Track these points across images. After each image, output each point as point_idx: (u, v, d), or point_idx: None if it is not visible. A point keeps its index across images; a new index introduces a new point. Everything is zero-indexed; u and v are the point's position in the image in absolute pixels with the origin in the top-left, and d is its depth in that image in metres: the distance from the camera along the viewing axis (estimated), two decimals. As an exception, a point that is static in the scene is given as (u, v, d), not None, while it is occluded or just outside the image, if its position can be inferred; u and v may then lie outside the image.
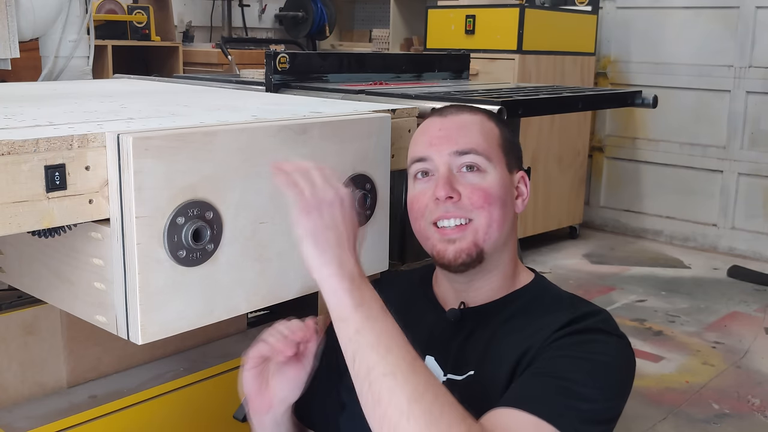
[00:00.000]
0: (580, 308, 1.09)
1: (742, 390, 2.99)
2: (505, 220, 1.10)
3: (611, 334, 1.05)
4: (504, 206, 1.09)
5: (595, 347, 1.02)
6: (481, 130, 1.11)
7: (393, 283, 1.26)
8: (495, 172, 1.09)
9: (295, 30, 6.46)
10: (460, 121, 1.12)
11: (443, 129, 1.11)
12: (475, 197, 1.07)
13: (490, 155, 1.09)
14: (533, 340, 1.03)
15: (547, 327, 1.04)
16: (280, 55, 1.69)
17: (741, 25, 4.78)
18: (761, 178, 4.79)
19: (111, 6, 4.83)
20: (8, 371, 1.27)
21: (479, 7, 4.61)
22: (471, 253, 1.07)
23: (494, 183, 1.08)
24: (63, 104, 1.27)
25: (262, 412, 1.06)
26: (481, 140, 1.09)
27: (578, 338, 1.02)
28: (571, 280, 4.29)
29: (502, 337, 1.08)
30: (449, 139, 1.09)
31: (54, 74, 2.23)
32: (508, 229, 1.11)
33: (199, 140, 0.95)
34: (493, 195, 1.08)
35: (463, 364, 1.09)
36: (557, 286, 1.19)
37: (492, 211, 1.07)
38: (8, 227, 0.84)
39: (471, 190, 1.07)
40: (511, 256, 1.14)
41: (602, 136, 5.47)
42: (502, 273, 1.13)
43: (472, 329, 1.12)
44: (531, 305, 1.12)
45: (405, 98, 1.48)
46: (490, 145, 1.10)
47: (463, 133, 1.10)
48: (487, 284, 1.13)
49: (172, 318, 0.96)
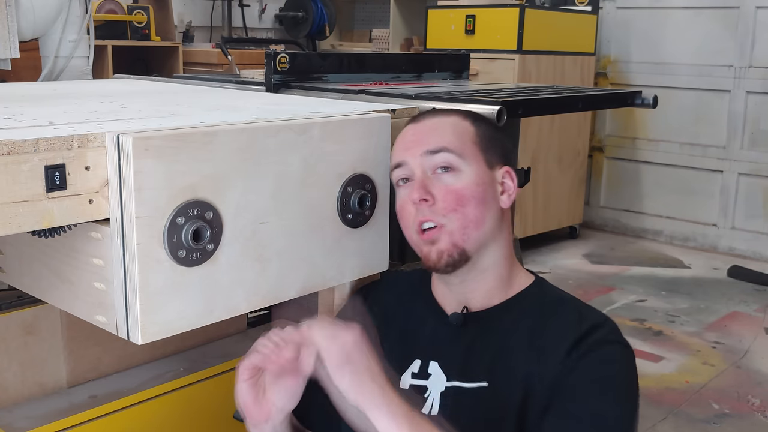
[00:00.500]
0: (585, 318, 1.09)
1: (742, 390, 2.99)
2: (485, 217, 1.09)
3: (621, 344, 1.07)
4: (481, 204, 1.08)
5: (612, 367, 1.03)
6: (453, 129, 1.12)
7: (393, 284, 1.26)
8: (470, 169, 1.09)
9: (295, 30, 6.46)
10: (432, 123, 1.14)
11: (416, 133, 1.13)
12: (448, 200, 1.07)
13: (463, 152, 1.09)
14: (544, 358, 1.04)
15: (556, 345, 1.04)
16: (280, 55, 1.69)
17: (741, 25, 4.78)
18: (761, 178, 4.79)
19: (111, 6, 4.83)
20: (8, 371, 1.27)
21: (479, 7, 4.61)
22: (452, 253, 1.07)
23: (469, 182, 1.08)
24: (63, 104, 1.27)
25: (261, 422, 1.05)
26: (452, 138, 1.10)
27: (594, 359, 1.03)
28: (571, 280, 4.29)
29: (511, 348, 1.08)
30: (421, 141, 1.11)
31: (54, 74, 2.23)
32: (493, 226, 1.10)
33: (199, 140, 0.95)
34: (467, 196, 1.07)
35: (472, 372, 1.08)
36: (557, 287, 1.19)
37: (466, 212, 1.07)
38: (8, 227, 0.84)
39: (444, 192, 1.08)
40: (504, 253, 1.13)
41: (602, 136, 5.47)
42: (497, 273, 1.13)
43: (476, 335, 1.11)
44: (534, 312, 1.11)
45: (405, 98, 1.48)
46: (463, 143, 1.10)
47: (434, 134, 1.11)
48: (483, 285, 1.12)
49: (172, 318, 0.96)
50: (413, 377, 1.12)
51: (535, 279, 1.17)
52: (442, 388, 1.10)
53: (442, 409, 1.09)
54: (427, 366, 1.12)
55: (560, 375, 1.02)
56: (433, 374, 1.11)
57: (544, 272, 4.36)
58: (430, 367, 1.12)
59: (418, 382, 1.12)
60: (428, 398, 1.10)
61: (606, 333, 1.06)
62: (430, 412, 1.09)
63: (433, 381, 1.11)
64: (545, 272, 4.39)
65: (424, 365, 1.12)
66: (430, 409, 1.09)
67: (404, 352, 1.15)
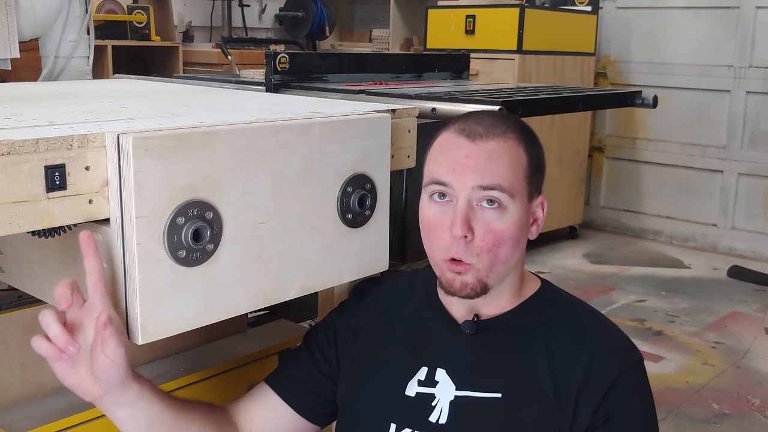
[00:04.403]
0: (605, 337, 1.11)
1: (742, 390, 2.99)
2: (514, 254, 1.06)
3: (642, 361, 1.10)
4: (516, 244, 1.06)
5: (646, 397, 1.08)
6: (509, 161, 1.05)
7: (394, 286, 1.25)
8: (515, 208, 1.04)
9: (295, 30, 6.46)
10: (489, 150, 1.04)
11: (470, 157, 1.04)
12: (487, 239, 1.03)
13: (513, 191, 1.04)
14: (562, 370, 1.06)
15: (573, 359, 1.06)
16: (280, 55, 1.69)
17: (741, 25, 4.78)
18: (761, 178, 4.79)
19: (111, 6, 4.83)
20: (8, 371, 1.27)
21: (479, 7, 4.61)
22: (475, 288, 1.05)
23: (511, 223, 1.04)
24: (63, 104, 1.27)
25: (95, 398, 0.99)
26: (507, 174, 1.04)
27: (633, 399, 1.06)
28: (571, 281, 4.29)
29: (526, 359, 1.08)
30: (475, 171, 1.03)
31: (54, 74, 2.23)
32: (517, 257, 1.09)
33: (199, 140, 0.95)
34: (505, 237, 1.04)
35: (484, 382, 1.07)
36: (564, 291, 1.18)
37: (499, 253, 1.04)
38: (8, 227, 0.84)
39: (485, 231, 1.03)
40: (519, 273, 1.13)
41: (602, 136, 5.47)
42: (510, 290, 1.12)
43: (488, 345, 1.10)
44: (547, 320, 1.11)
45: (405, 98, 1.48)
46: (516, 179, 1.05)
47: (490, 166, 1.03)
48: (496, 300, 1.11)
49: (172, 318, 0.96)
50: (419, 384, 1.10)
51: (541, 283, 1.17)
52: (451, 397, 1.08)
53: (452, 419, 1.07)
54: (434, 374, 1.10)
55: (597, 416, 1.04)
56: (440, 382, 1.09)
57: (544, 272, 4.36)
58: (438, 374, 1.10)
59: (424, 390, 1.10)
60: (435, 406, 1.08)
61: (632, 355, 1.10)
62: (437, 421, 1.07)
63: (441, 389, 1.09)
64: (545, 272, 4.39)
65: (431, 373, 1.10)
66: (438, 417, 1.07)
67: (409, 358, 1.13)
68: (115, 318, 0.92)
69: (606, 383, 1.03)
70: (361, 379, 1.16)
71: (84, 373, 0.96)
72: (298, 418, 1.18)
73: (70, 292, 0.91)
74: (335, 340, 1.20)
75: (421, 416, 1.08)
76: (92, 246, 0.90)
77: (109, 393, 0.98)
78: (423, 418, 1.08)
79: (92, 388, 0.97)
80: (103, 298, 0.91)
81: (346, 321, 1.21)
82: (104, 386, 0.96)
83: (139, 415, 1.02)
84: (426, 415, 1.08)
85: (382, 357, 1.15)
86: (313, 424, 1.20)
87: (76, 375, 0.96)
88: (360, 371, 1.16)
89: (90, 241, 0.90)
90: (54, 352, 0.92)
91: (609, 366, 1.05)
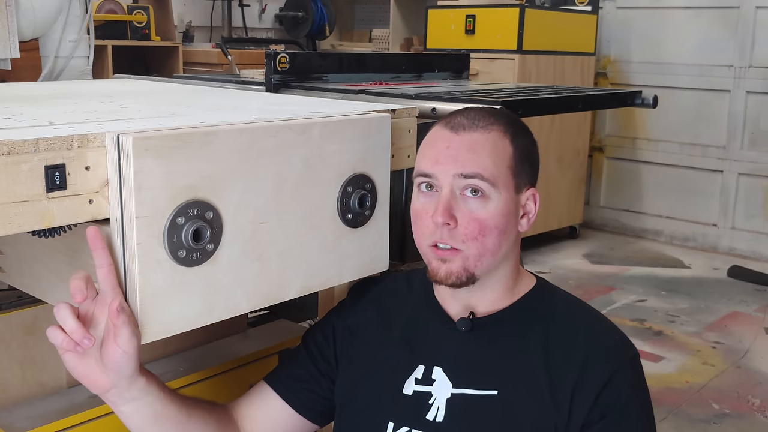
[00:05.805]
0: (600, 334, 1.11)
1: (742, 390, 2.99)
2: (501, 245, 1.07)
3: (637, 358, 1.10)
4: (502, 233, 1.06)
5: (642, 394, 1.08)
6: (491, 151, 1.06)
7: (392, 285, 1.25)
8: (499, 197, 1.05)
9: (295, 30, 6.46)
10: (471, 140, 1.06)
11: (452, 147, 1.06)
12: (471, 227, 1.04)
13: (496, 180, 1.05)
14: (559, 368, 1.06)
15: (569, 356, 1.06)
16: (280, 55, 1.69)
17: (741, 25, 4.78)
18: (761, 178, 4.80)
19: (111, 6, 4.83)
20: (8, 371, 1.27)
21: (479, 7, 4.61)
22: (461, 276, 1.06)
23: (495, 212, 1.05)
24: (63, 104, 1.27)
25: (103, 390, 0.99)
26: (489, 164, 1.05)
27: (629, 396, 1.06)
28: (571, 280, 4.29)
29: (522, 356, 1.08)
30: (456, 160, 1.05)
31: (54, 74, 2.23)
32: (506, 250, 1.09)
33: (199, 140, 0.95)
34: (490, 225, 1.05)
35: (480, 380, 1.08)
36: (559, 288, 1.18)
37: (485, 242, 1.05)
38: (8, 227, 0.84)
39: (468, 219, 1.04)
40: (512, 267, 1.13)
41: (602, 136, 5.47)
42: (503, 284, 1.12)
43: (484, 342, 1.10)
44: (543, 316, 1.11)
45: (405, 98, 1.48)
46: (498, 169, 1.05)
47: (471, 156, 1.05)
48: (489, 295, 1.12)
49: (172, 318, 0.96)
50: (417, 383, 1.11)
51: (537, 281, 1.17)
52: (447, 395, 1.08)
53: (449, 417, 1.07)
54: (431, 372, 1.11)
55: (593, 412, 1.04)
56: (437, 380, 1.10)
57: (544, 272, 4.36)
58: (434, 372, 1.10)
59: (421, 388, 1.10)
60: (432, 405, 1.09)
61: (628, 351, 1.10)
62: (435, 419, 1.08)
63: (438, 387, 1.09)
64: (545, 272, 4.39)
65: (428, 371, 1.11)
66: (435, 416, 1.08)
67: (406, 357, 1.13)
68: (126, 308, 0.92)
69: (601, 380, 1.03)
70: (359, 378, 1.16)
71: (93, 365, 0.96)
72: (297, 416, 1.19)
73: (84, 285, 0.92)
74: (334, 339, 1.20)
75: (418, 414, 1.09)
76: (100, 239, 0.91)
77: (117, 386, 0.98)
78: (420, 416, 1.09)
79: (101, 380, 0.97)
80: (114, 289, 0.92)
81: (345, 321, 1.21)
82: (113, 378, 0.97)
83: (144, 410, 1.03)
84: (423, 414, 1.08)
85: (380, 356, 1.15)
86: (311, 422, 1.20)
87: (85, 366, 0.97)
88: (358, 371, 1.17)
89: (97, 234, 0.90)
90: (69, 344, 0.92)
91: (604, 363, 1.05)
